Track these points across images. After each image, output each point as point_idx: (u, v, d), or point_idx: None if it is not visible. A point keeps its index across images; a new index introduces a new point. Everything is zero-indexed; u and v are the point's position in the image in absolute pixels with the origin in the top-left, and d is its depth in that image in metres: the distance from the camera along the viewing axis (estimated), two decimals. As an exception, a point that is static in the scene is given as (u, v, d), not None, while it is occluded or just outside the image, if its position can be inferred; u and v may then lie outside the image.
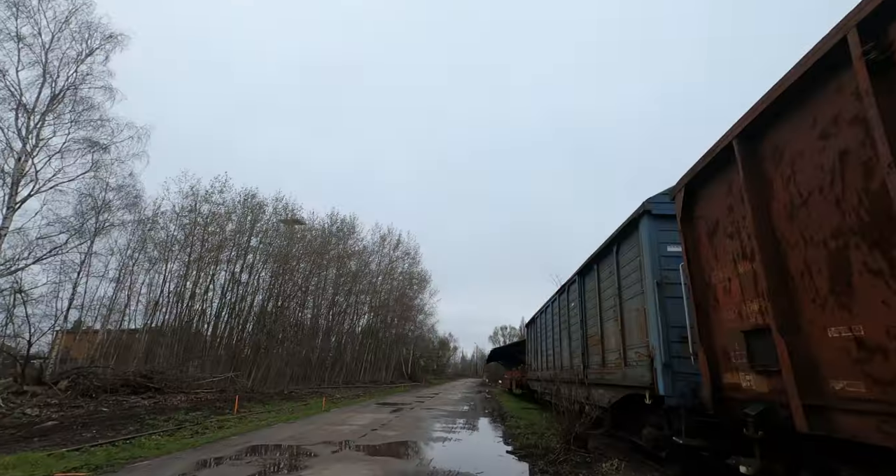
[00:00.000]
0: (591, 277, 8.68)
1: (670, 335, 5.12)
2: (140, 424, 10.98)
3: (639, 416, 6.57)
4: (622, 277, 6.77)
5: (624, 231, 6.43)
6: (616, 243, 6.92)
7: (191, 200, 27.94)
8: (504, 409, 16.27)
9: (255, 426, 10.69)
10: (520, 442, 8.62)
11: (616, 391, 6.79)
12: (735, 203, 3.31)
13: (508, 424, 11.61)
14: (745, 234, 3.15)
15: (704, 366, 3.57)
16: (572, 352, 9.95)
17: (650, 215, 5.59)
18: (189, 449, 7.51)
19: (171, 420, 11.57)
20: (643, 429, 6.19)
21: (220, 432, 9.78)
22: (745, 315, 3.12)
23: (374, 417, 12.88)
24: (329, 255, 36.80)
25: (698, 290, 3.78)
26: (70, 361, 22.44)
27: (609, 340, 7.39)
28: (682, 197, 3.99)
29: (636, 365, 5.99)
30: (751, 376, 3.07)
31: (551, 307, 13.03)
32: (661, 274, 5.37)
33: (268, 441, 8.46)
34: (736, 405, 3.36)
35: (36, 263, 16.41)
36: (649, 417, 6.01)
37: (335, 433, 9.54)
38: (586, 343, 8.81)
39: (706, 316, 3.71)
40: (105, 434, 9.61)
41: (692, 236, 3.96)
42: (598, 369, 7.83)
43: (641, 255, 5.72)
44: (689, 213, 4.02)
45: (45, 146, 15.99)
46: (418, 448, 8.21)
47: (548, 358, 13.56)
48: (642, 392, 5.59)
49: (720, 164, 3.47)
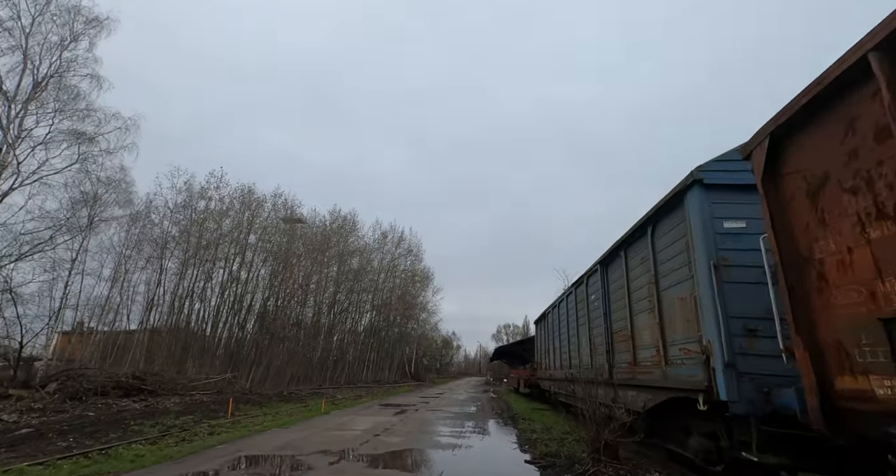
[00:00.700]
0: (616, 266, 7.80)
1: (732, 328, 4.25)
2: (124, 431, 10.16)
3: (681, 423, 5.69)
4: (659, 263, 5.89)
5: (663, 208, 5.54)
6: (651, 224, 6.03)
7: (185, 196, 27.16)
8: (514, 411, 15.41)
9: (248, 432, 9.86)
10: (539, 449, 7.76)
11: (653, 393, 5.92)
12: (863, 144, 2.45)
13: (522, 428, 10.75)
14: (883, 185, 2.29)
15: (807, 367, 2.72)
16: (594, 349, 9.08)
17: (701, 186, 4.70)
18: (168, 461, 6.66)
19: (159, 425, 10.74)
20: (689, 438, 5.32)
21: (209, 439, 8.94)
22: (886, 296, 2.25)
23: (376, 421, 12.04)
24: (330, 253, 35.98)
25: (791, 268, 2.92)
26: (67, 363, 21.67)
27: (641, 336, 6.51)
28: (766, 150, 3.12)
29: (682, 363, 5.11)
30: (894, 381, 2.22)
31: (565, 301, 12.15)
32: (717, 255, 4.49)
33: (259, 450, 7.62)
34: (858, 419, 2.51)
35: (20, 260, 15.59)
36: (698, 425, 5.14)
37: (334, 440, 8.70)
38: (611, 339, 7.93)
39: (804, 301, 2.85)
40: (83, 442, 8.78)
41: (780, 198, 3.10)
42: (628, 368, 6.95)
43: (690, 234, 4.83)
44: (774, 169, 3.15)
45: (27, 137, 15.17)
46: (426, 458, 7.36)
47: (562, 356, 12.69)
48: (693, 395, 4.72)
49: (832, 97, 2.62)
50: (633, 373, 6.74)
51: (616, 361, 7.67)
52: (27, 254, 15.59)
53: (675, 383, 5.21)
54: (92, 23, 16.30)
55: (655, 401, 5.79)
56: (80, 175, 18.01)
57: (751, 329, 4.23)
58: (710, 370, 4.30)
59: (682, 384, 5.00)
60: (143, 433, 9.81)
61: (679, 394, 5.15)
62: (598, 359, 8.74)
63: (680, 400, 5.23)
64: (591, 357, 9.21)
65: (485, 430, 10.94)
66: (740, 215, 4.56)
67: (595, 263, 8.93)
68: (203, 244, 27.59)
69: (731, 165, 4.68)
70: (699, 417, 4.97)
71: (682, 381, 5.01)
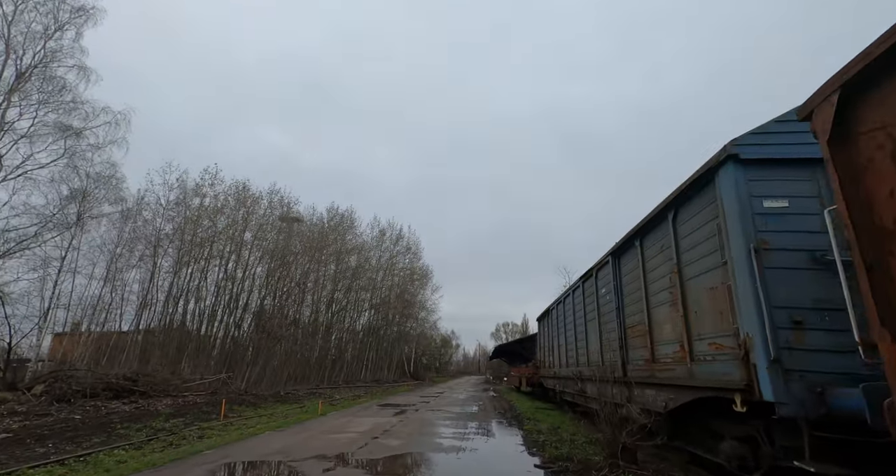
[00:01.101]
0: (630, 256, 7.31)
1: (776, 319, 3.75)
2: (109, 435, 9.64)
3: (709, 425, 5.22)
4: (682, 250, 5.40)
5: (690, 189, 5.03)
6: (673, 208, 5.54)
7: (178, 192, 26.58)
8: (517, 410, 14.93)
9: (240, 436, 9.34)
10: (548, 452, 7.28)
11: (676, 393, 5.43)
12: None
13: (527, 428, 10.27)
14: None
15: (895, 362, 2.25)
16: (604, 345, 8.60)
17: (737, 162, 4.19)
18: (148, 469, 6.15)
19: (147, 429, 10.23)
20: (720, 442, 4.83)
21: (197, 444, 8.43)
22: None
23: (375, 422, 11.54)
24: (328, 251, 35.41)
25: (870, 244, 2.44)
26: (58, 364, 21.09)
27: (661, 330, 6.02)
28: (834, 107, 2.64)
29: (712, 360, 4.62)
30: None
31: (571, 297, 11.67)
32: (756, 237, 3.99)
33: (248, 456, 7.11)
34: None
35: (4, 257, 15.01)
36: (731, 428, 4.65)
37: (331, 443, 8.20)
38: (625, 334, 7.45)
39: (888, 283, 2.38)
40: (62, 448, 8.27)
41: (853, 163, 2.61)
42: (645, 365, 6.47)
43: (722, 216, 4.33)
44: (843, 130, 2.67)
45: (10, 129, 14.59)
46: (428, 463, 6.86)
47: (568, 353, 12.21)
48: (727, 395, 4.23)
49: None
50: (651, 370, 6.25)
51: (631, 358, 7.18)
52: (12, 251, 15.01)
53: (703, 382, 4.72)
54: (78, 12, 15.73)
55: (679, 401, 5.31)
56: (68, 170, 17.46)
57: (797, 320, 3.74)
58: (751, 367, 3.80)
59: (713, 383, 4.51)
60: (128, 437, 9.30)
61: (708, 393, 4.66)
62: (609, 356, 8.27)
63: (708, 400, 4.76)
64: (602, 354, 8.73)
65: (489, 431, 10.46)
66: (782, 193, 4.07)
67: (606, 255, 8.44)
68: (197, 242, 27.02)
69: (770, 138, 4.19)
70: (731, 419, 4.49)
71: (713, 379, 4.52)
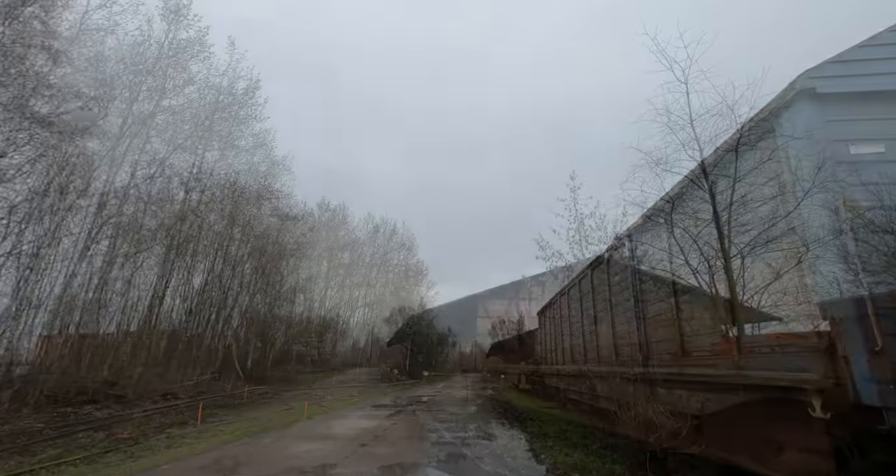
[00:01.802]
0: (652, 236, 6.42)
1: (877, 298, 2.88)
2: (68, 445, 8.66)
3: (761, 431, 4.33)
4: (722, 220, 4.50)
5: (741, 142, 4.11)
6: (712, 171, 4.63)
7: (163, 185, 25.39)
8: (519, 410, 14.04)
9: (213, 443, 8.39)
10: (558, 459, 6.39)
11: (717, 393, 4.55)
12: None
13: (532, 431, 9.39)
14: None
15: None
16: (618, 339, 7.72)
17: (813, 98, 3.30)
18: (90, 491, 5.19)
19: (109, 439, 9.23)
20: (781, 453, 3.94)
21: (161, 454, 7.48)
22: None
23: (365, 426, 10.61)
24: (320, 247, 34.41)
25: None
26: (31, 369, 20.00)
27: (695, 318, 5.13)
28: None
29: (773, 351, 3.73)
30: None
31: (578, 287, 10.79)
32: (843, 193, 3.10)
33: (212, 472, 6.16)
34: None
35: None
36: (797, 437, 3.76)
37: (312, 453, 7.26)
38: (644, 325, 6.56)
39: None
40: (6, 462, 7.28)
41: None
42: (673, 360, 5.59)
43: (789, 168, 3.43)
44: None
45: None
46: (424, 475, 5.94)
47: (573, 348, 11.34)
48: (797, 396, 3.34)
49: None
50: (680, 366, 5.37)
51: (653, 352, 6.30)
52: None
53: (760, 379, 3.83)
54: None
55: (723, 403, 4.42)
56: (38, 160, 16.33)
57: (906, 298, 2.87)
58: (841, 361, 2.92)
59: (775, 380, 3.63)
60: (88, 448, 8.32)
61: (767, 394, 3.78)
62: (624, 350, 7.39)
63: (763, 402, 3.87)
64: (614, 348, 7.85)
65: (491, 434, 9.55)
66: (876, 136, 3.17)
67: (619, 237, 7.55)
68: (183, 238, 25.90)
69: (856, 67, 3.29)
70: (797, 425, 3.60)
71: (776, 376, 3.63)
